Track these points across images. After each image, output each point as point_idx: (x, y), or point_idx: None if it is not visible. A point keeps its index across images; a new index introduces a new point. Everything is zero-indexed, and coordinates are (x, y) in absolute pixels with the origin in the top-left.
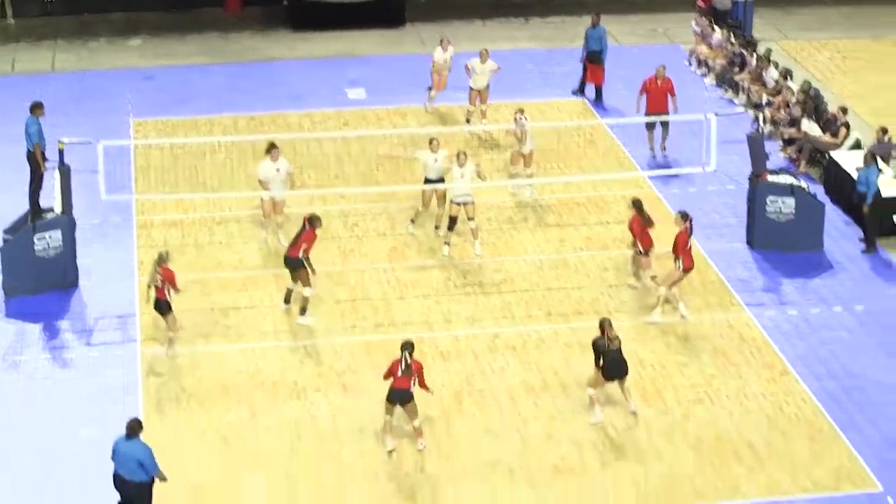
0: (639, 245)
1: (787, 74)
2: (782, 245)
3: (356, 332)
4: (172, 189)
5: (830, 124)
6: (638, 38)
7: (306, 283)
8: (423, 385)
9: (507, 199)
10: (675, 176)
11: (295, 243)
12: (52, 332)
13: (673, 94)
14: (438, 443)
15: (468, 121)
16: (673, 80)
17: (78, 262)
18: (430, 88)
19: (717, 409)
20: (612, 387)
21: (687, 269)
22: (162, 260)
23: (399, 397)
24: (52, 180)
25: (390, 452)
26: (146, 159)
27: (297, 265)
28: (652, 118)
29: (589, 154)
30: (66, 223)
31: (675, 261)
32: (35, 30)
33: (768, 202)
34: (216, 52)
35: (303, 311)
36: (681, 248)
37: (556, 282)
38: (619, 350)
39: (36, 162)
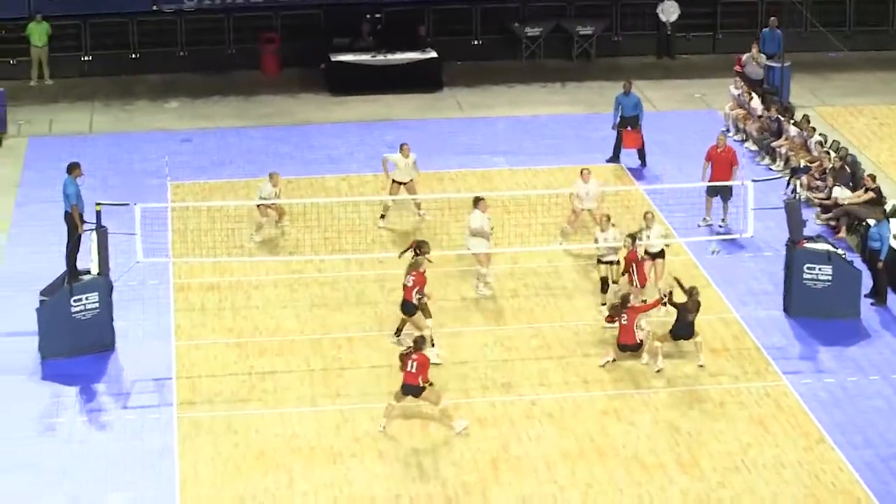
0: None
1: (822, 141)
2: (819, 312)
3: (392, 397)
4: (209, 252)
5: None
6: (675, 104)
7: None
8: (424, 379)
9: (543, 264)
10: (713, 242)
11: None
12: (88, 395)
13: (735, 164)
14: None
15: (383, 216)
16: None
17: (114, 324)
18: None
19: (754, 477)
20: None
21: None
22: (414, 266)
23: (410, 391)
24: (89, 242)
25: (382, 429)
26: (183, 222)
27: None
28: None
29: (626, 219)
30: (103, 285)
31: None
32: (73, 91)
33: (805, 269)
34: (253, 114)
35: None
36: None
37: (592, 349)
38: (694, 317)
39: (73, 223)
